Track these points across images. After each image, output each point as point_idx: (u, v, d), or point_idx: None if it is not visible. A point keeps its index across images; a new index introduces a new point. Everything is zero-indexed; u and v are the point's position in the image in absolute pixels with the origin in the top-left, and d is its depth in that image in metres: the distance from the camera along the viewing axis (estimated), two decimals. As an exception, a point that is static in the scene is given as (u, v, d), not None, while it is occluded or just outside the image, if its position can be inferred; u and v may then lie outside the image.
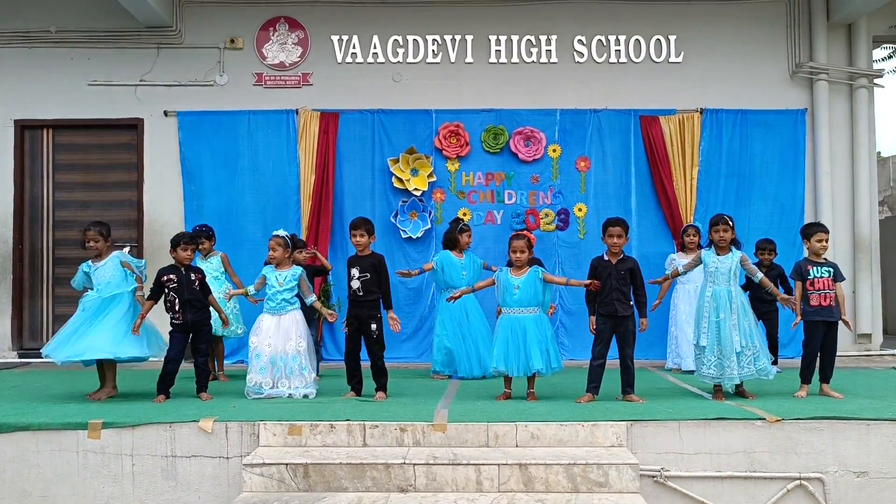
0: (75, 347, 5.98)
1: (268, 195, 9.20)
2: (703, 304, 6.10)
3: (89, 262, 6.32)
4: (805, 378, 6.24)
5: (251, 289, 6.48)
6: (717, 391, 6.12)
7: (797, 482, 5.08)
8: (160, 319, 6.41)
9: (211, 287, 6.66)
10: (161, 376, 6.19)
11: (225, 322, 6.72)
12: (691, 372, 7.27)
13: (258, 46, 9.39)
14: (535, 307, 6.11)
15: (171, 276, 6.24)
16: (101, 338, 5.97)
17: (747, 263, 6.14)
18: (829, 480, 5.08)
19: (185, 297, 6.24)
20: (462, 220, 8.28)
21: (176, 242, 6.33)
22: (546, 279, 6.15)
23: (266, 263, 6.54)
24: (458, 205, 9.21)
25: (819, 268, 6.17)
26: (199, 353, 6.38)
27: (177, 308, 6.24)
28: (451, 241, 7.68)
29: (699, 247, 7.67)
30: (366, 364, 6.35)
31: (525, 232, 7.54)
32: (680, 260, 7.66)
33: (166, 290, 6.25)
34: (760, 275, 6.25)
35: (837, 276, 6.22)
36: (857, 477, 5.11)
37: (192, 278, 6.30)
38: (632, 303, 6.06)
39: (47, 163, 9.49)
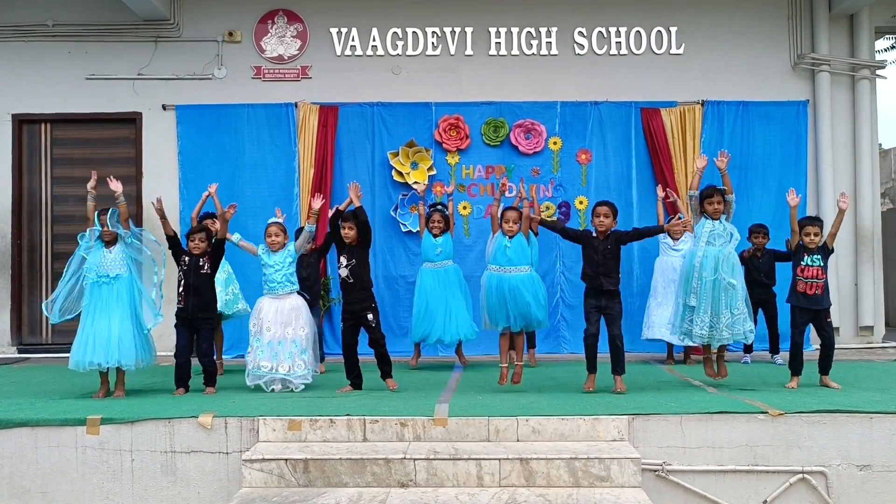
0: (95, 355, 5.95)
1: (267, 189, 9.15)
2: (694, 263, 6.16)
3: (100, 240, 6.15)
4: (795, 370, 6.28)
5: (237, 237, 6.63)
6: (708, 361, 6.33)
7: (800, 476, 5.06)
8: (164, 309, 6.41)
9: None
10: (176, 371, 6.30)
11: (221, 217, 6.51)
12: (657, 341, 7.78)
13: (257, 39, 9.33)
14: (526, 265, 6.21)
15: (185, 259, 6.35)
16: (115, 345, 5.95)
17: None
18: (831, 474, 5.06)
19: (191, 281, 6.29)
20: (437, 203, 8.24)
21: (186, 234, 6.52)
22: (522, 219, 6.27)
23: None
24: (458, 198, 9.15)
25: (812, 256, 6.20)
26: (202, 353, 6.41)
27: (181, 290, 6.32)
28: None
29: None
30: (367, 358, 6.36)
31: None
32: (668, 240, 7.87)
33: (178, 268, 6.35)
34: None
35: (826, 250, 6.26)
36: (860, 470, 5.08)
37: (201, 263, 6.34)
38: (617, 279, 6.17)
39: (45, 157, 9.46)
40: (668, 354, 8.00)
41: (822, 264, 6.17)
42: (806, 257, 6.19)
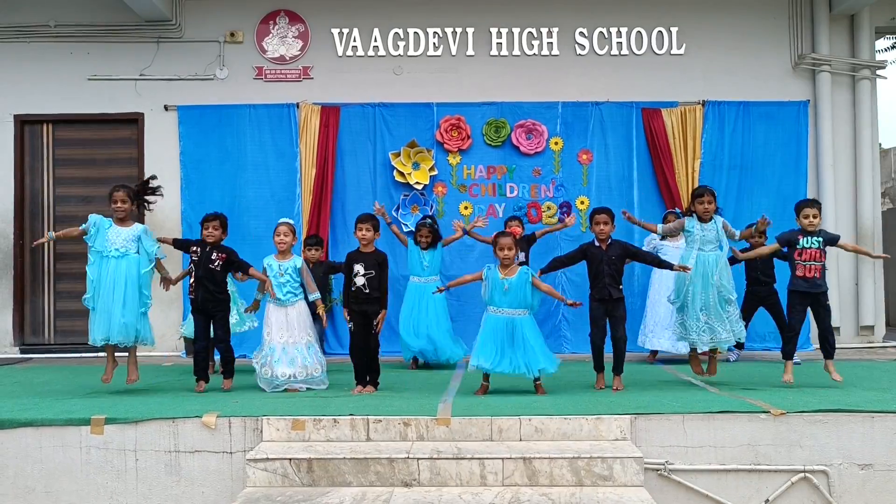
0: (102, 331, 5.96)
1: (269, 190, 9.17)
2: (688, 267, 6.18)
3: (111, 219, 6.09)
4: (787, 353, 6.28)
5: (258, 295, 6.52)
6: (695, 359, 6.45)
7: (801, 475, 5.07)
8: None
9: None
10: (194, 359, 6.37)
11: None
12: (654, 353, 7.88)
13: (258, 40, 9.35)
14: (524, 309, 5.92)
15: (196, 249, 6.37)
16: (119, 318, 5.95)
17: (727, 227, 6.26)
18: (833, 473, 5.07)
19: (199, 273, 6.32)
20: (427, 218, 8.26)
21: (201, 221, 6.50)
22: (534, 283, 5.93)
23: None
24: (459, 198, 9.19)
25: (809, 238, 6.15)
26: (218, 339, 6.41)
27: (192, 280, 6.40)
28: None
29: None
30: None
31: (512, 228, 7.54)
32: (660, 244, 7.84)
33: (191, 260, 6.42)
34: (738, 232, 6.35)
35: (832, 241, 6.21)
36: (862, 469, 5.10)
37: (213, 257, 6.32)
38: (621, 287, 6.21)
39: (47, 158, 9.48)
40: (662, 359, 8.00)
41: (820, 247, 6.13)
42: (802, 239, 6.15)
